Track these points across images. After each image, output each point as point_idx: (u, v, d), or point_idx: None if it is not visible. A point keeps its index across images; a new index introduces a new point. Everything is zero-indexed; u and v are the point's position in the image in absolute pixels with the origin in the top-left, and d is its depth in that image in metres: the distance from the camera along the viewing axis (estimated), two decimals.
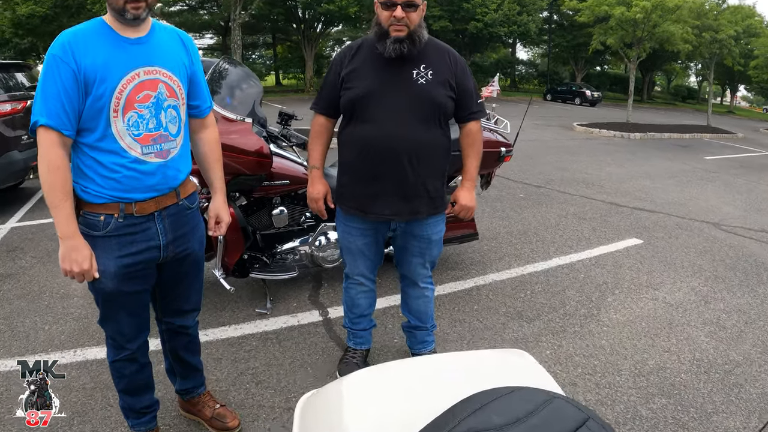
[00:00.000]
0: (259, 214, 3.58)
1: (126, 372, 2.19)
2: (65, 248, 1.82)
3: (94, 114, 1.80)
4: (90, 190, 1.86)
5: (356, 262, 2.69)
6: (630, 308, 3.94)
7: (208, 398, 2.55)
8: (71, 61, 1.73)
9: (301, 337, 3.35)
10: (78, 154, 1.86)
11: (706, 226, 6.26)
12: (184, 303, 2.28)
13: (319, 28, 34.60)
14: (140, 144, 1.87)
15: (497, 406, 0.89)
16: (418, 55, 2.33)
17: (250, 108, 3.36)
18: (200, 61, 2.12)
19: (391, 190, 2.41)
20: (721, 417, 2.76)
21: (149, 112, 1.87)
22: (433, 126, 2.39)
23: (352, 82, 2.37)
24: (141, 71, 1.84)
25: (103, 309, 2.05)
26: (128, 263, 1.95)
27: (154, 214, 1.97)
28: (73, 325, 3.47)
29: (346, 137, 2.48)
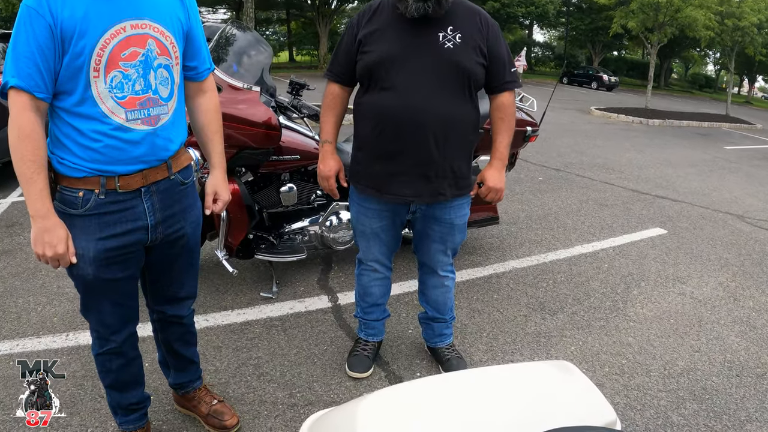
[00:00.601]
0: (266, 191, 3.36)
1: (112, 366, 1.96)
2: (37, 229, 1.59)
3: (72, 74, 1.55)
4: (67, 162, 1.63)
5: (371, 247, 2.46)
6: (657, 302, 3.72)
7: (205, 393, 2.33)
8: (47, 14, 1.48)
9: (308, 325, 3.14)
10: (55, 121, 1.63)
11: (731, 218, 6.04)
12: (177, 290, 2.05)
13: (334, 4, 34.21)
14: (125, 108, 1.62)
15: None
16: (444, 16, 2.06)
17: (259, 76, 3.11)
18: (199, 15, 1.85)
19: (412, 168, 2.17)
20: (755, 426, 2.57)
21: (136, 71, 1.62)
22: (461, 97, 2.14)
23: (370, 45, 2.12)
24: (127, 24, 1.59)
25: (84, 298, 1.83)
26: (111, 246, 1.72)
27: (140, 190, 1.74)
28: (67, 306, 3.29)
29: (363, 108, 2.23)
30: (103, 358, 1.95)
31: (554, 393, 1.08)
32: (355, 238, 2.57)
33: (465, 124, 2.19)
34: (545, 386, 1.08)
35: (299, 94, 3.52)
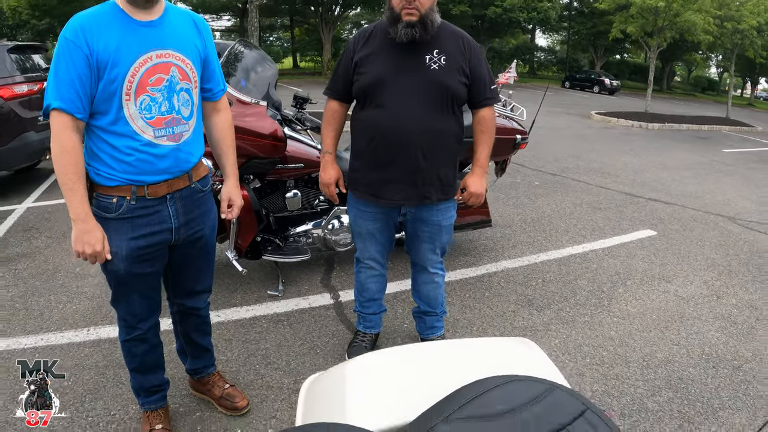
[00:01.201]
0: (272, 197, 3.60)
1: (137, 351, 2.22)
2: (78, 230, 1.84)
3: (107, 97, 1.80)
4: (103, 173, 1.88)
5: (367, 246, 2.70)
6: (641, 300, 3.93)
7: (218, 378, 2.59)
8: (84, 46, 1.73)
9: (312, 320, 3.39)
10: (91, 137, 1.88)
11: (722, 220, 6.20)
12: (195, 284, 2.30)
13: (337, 11, 34.43)
14: (153, 127, 1.88)
15: (498, 394, 0.90)
16: (431, 41, 2.32)
17: (265, 91, 3.36)
18: (214, 43, 2.12)
19: (403, 176, 2.42)
20: (727, 413, 2.76)
21: (162, 95, 1.88)
22: (446, 113, 2.38)
23: (364, 67, 2.37)
24: (153, 54, 1.84)
25: (116, 290, 2.08)
26: (141, 245, 1.97)
27: (166, 196, 1.99)
28: (86, 304, 3.52)
29: (359, 123, 2.48)
30: (129, 345, 2.20)
31: (511, 363, 1.31)
32: (353, 238, 2.81)
33: (449, 136, 2.43)
34: (503, 356, 1.31)
35: (303, 107, 3.78)
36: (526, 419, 0.86)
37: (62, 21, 28.63)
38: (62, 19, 28.17)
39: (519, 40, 47.64)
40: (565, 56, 46.39)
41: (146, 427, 2.32)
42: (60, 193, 6.07)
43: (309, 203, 3.74)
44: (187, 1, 36.53)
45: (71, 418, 2.47)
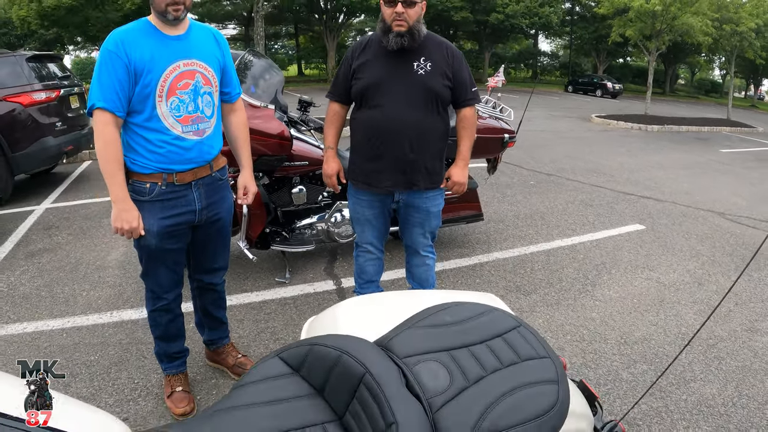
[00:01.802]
0: (280, 192, 3.91)
1: (162, 321, 2.54)
2: (117, 210, 2.15)
3: (142, 99, 2.14)
4: (138, 162, 2.21)
5: (365, 232, 3.00)
6: (624, 286, 4.20)
7: (231, 349, 2.91)
8: (123, 56, 2.07)
9: (317, 303, 3.69)
10: (128, 133, 2.21)
11: (711, 215, 6.44)
12: (213, 262, 2.63)
13: (341, 18, 34.82)
14: (181, 124, 2.22)
15: (449, 311, 1.20)
16: (418, 49, 2.64)
17: (273, 96, 3.69)
18: (230, 54, 2.46)
19: (393, 166, 2.73)
20: (698, 384, 3.00)
21: (188, 97, 2.22)
22: (431, 111, 2.70)
23: (361, 72, 2.70)
24: (181, 63, 2.19)
25: (146, 264, 2.40)
26: (169, 224, 2.29)
27: (191, 183, 2.31)
28: (108, 292, 3.83)
29: (357, 122, 2.81)
30: (155, 314, 2.53)
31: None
32: (352, 225, 3.11)
33: (434, 132, 2.76)
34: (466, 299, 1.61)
35: (307, 110, 4.11)
36: (468, 327, 1.16)
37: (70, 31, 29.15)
38: (70, 29, 28.63)
39: (522, 45, 47.95)
40: (567, 61, 46.64)
41: (168, 390, 2.63)
42: (78, 195, 6.43)
43: (313, 198, 4.05)
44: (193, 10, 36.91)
45: (99, 386, 2.77)
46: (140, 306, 3.61)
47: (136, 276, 4.09)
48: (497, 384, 1.02)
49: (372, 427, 0.97)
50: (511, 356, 1.09)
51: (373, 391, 0.99)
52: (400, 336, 1.13)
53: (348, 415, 1.05)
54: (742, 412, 2.75)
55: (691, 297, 4.09)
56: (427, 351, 1.08)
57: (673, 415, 2.71)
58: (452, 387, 1.01)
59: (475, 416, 0.96)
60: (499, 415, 0.97)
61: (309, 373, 1.14)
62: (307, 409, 1.08)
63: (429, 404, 0.97)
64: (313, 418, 1.07)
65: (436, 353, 1.08)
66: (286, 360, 1.18)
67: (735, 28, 18.73)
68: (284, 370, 1.17)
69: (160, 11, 2.12)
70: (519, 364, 1.07)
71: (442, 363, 1.05)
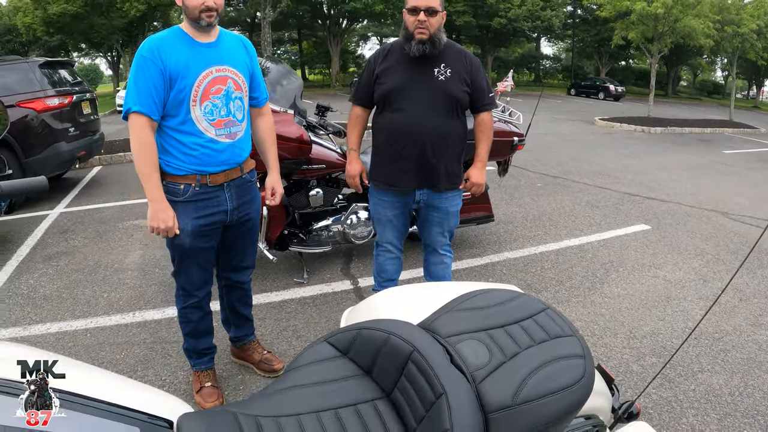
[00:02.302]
0: (297, 195, 4.04)
1: (193, 318, 2.64)
2: (153, 209, 2.24)
3: (177, 103, 2.24)
4: (172, 164, 2.31)
5: (386, 231, 3.12)
6: (632, 284, 4.32)
7: (257, 345, 3.02)
8: (159, 62, 2.17)
9: (335, 302, 3.81)
10: (162, 136, 2.31)
11: (715, 215, 6.53)
12: (241, 260, 2.73)
13: (344, 24, 35.02)
14: (214, 127, 2.31)
15: (481, 297, 1.33)
16: (438, 56, 2.77)
17: (292, 101, 3.82)
18: (258, 60, 2.58)
19: (415, 167, 2.86)
20: (706, 375, 3.11)
21: (221, 101, 2.31)
22: (451, 116, 2.83)
23: (384, 78, 2.83)
24: (214, 69, 2.29)
25: (179, 262, 2.50)
26: (202, 224, 2.39)
27: (223, 184, 2.41)
28: (129, 293, 3.95)
29: (379, 124, 2.94)
30: (186, 311, 2.63)
31: None
32: (373, 225, 3.23)
33: (454, 136, 2.89)
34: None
35: (324, 115, 4.24)
36: (501, 310, 1.28)
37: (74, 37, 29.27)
38: (74, 35, 28.80)
39: (524, 48, 48.17)
40: (570, 64, 46.80)
41: (197, 385, 2.74)
42: (91, 200, 6.57)
43: (329, 201, 4.18)
44: None
45: None
46: (162, 306, 3.73)
47: (155, 278, 4.22)
48: (531, 358, 1.14)
49: (420, 400, 1.09)
50: (542, 335, 1.21)
51: (421, 367, 1.11)
52: (441, 318, 1.26)
53: (396, 391, 1.17)
54: (749, 401, 2.86)
55: (696, 293, 4.19)
56: (467, 331, 1.21)
57: (682, 404, 2.82)
58: (492, 362, 1.13)
59: (514, 386, 1.08)
60: (535, 384, 1.10)
61: (357, 355, 1.26)
62: (357, 388, 1.20)
63: (472, 377, 1.10)
64: (363, 395, 1.19)
65: (475, 333, 1.20)
66: (334, 344, 1.31)
67: (737, 29, 18.85)
68: (333, 353, 1.29)
69: (194, 18, 2.21)
70: (549, 341, 1.20)
71: (481, 341, 1.18)
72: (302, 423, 1.10)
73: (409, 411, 1.12)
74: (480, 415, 1.04)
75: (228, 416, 1.08)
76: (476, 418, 1.03)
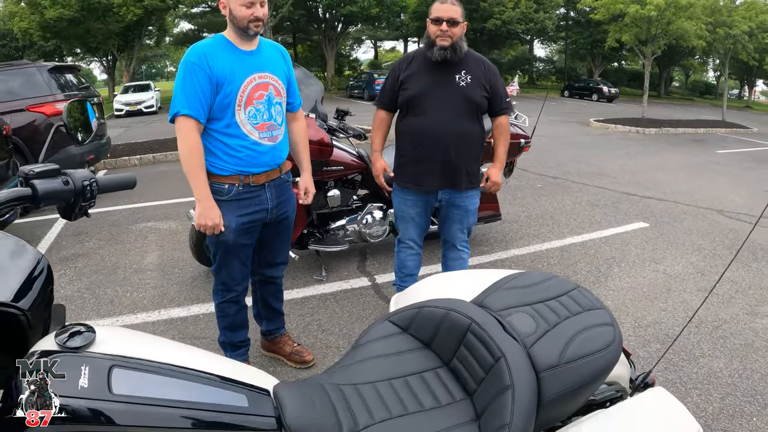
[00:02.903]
0: (315, 196, 4.19)
1: (230, 311, 2.79)
2: (202, 208, 2.36)
3: (223, 107, 2.36)
4: (217, 165, 2.44)
5: (408, 229, 3.31)
6: (634, 277, 4.53)
7: (287, 338, 3.19)
8: (206, 67, 2.30)
9: (355, 298, 4.01)
10: (207, 139, 2.42)
11: (710, 213, 6.74)
12: (276, 257, 2.89)
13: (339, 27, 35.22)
14: (258, 131, 2.45)
15: (520, 278, 1.54)
16: (459, 63, 2.97)
17: (313, 105, 4.01)
18: (293, 67, 2.73)
19: (438, 168, 3.05)
20: (707, 359, 3.32)
21: (264, 106, 2.45)
22: (471, 119, 3.04)
23: (408, 83, 3.03)
24: (257, 76, 2.43)
25: (221, 258, 2.62)
26: (245, 221, 2.53)
27: (264, 184, 2.55)
28: (152, 292, 4.10)
29: (404, 127, 3.13)
30: (223, 306, 2.78)
31: None
32: (396, 222, 3.42)
33: (474, 138, 3.10)
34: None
35: (343, 119, 4.43)
36: (539, 289, 1.49)
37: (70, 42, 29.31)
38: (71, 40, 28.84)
39: (518, 51, 48.49)
40: (563, 66, 47.16)
41: None
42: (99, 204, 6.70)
43: (346, 201, 4.37)
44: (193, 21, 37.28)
45: None
46: (187, 304, 3.89)
47: (176, 277, 4.38)
48: (570, 326, 1.35)
49: (480, 364, 1.29)
50: (576, 308, 1.42)
51: (479, 336, 1.31)
52: (491, 296, 1.46)
53: (455, 360, 1.37)
54: (748, 382, 3.07)
55: (695, 285, 4.40)
56: (514, 305, 1.41)
57: (686, 385, 3.03)
58: (538, 330, 1.33)
59: (560, 348, 1.29)
60: (577, 346, 1.30)
61: (417, 331, 1.46)
62: (419, 359, 1.40)
63: (524, 343, 1.30)
64: (426, 365, 1.39)
65: (521, 307, 1.41)
66: (395, 322, 1.51)
67: (728, 31, 19.16)
68: (395, 330, 1.49)
69: (243, 27, 2.34)
70: (582, 313, 1.41)
71: (527, 313, 1.38)
72: (378, 389, 1.30)
73: (468, 375, 1.32)
74: (533, 373, 1.24)
75: (315, 385, 1.28)
76: (531, 375, 1.23)
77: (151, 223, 5.92)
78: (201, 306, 3.84)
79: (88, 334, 1.08)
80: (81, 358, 1.03)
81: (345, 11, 30.30)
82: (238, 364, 1.35)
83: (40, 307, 1.17)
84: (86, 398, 0.97)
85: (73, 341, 1.05)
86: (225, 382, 1.16)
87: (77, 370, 1.00)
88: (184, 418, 1.03)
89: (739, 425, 2.71)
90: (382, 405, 1.25)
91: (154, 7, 26.98)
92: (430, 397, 1.30)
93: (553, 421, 1.32)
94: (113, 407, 0.97)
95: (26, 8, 27.45)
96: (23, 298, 1.10)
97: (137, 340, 1.20)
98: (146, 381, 1.04)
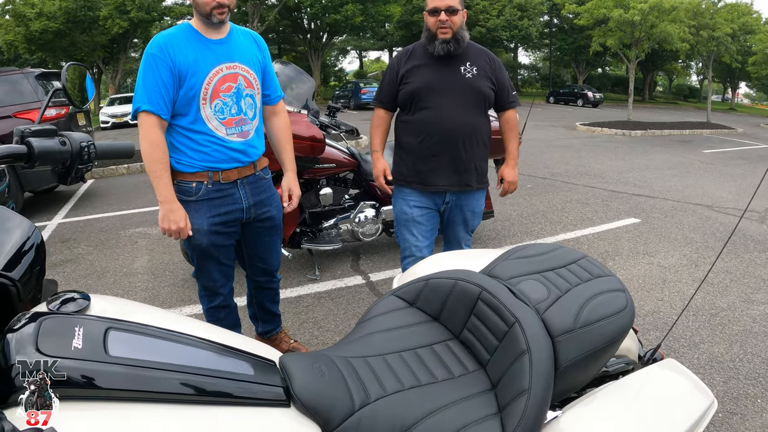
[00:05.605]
0: (307, 194, 4.17)
1: (220, 315, 2.63)
2: (164, 210, 2.18)
3: (187, 102, 2.18)
4: (183, 162, 2.26)
5: (412, 234, 2.96)
6: (629, 270, 4.52)
7: (284, 335, 3.11)
8: (167, 59, 2.11)
9: (350, 295, 3.96)
10: (172, 134, 2.25)
11: (700, 208, 6.79)
12: (268, 263, 2.72)
13: (324, 38, 35.31)
14: (225, 126, 2.27)
15: (530, 248, 1.51)
16: (462, 55, 2.79)
17: (304, 102, 3.97)
18: (270, 56, 2.55)
19: (447, 165, 2.83)
20: (707, 345, 3.31)
21: (231, 99, 2.26)
22: (479, 113, 2.85)
23: (410, 77, 2.82)
24: (224, 66, 2.23)
25: (198, 262, 2.45)
26: (218, 222, 2.35)
27: (236, 181, 2.35)
28: (142, 295, 4.03)
29: (407, 124, 2.88)
30: (212, 311, 2.62)
31: None
32: (396, 232, 3.06)
33: (483, 132, 2.90)
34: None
35: (335, 115, 4.39)
36: (548, 258, 1.46)
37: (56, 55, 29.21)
38: (56, 53, 28.73)
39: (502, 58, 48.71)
40: (547, 72, 47.52)
41: None
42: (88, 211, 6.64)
43: (338, 199, 4.32)
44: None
45: None
46: (179, 305, 3.84)
47: (167, 280, 4.32)
48: (582, 292, 1.31)
49: (493, 333, 1.25)
50: (586, 275, 1.39)
51: (491, 304, 1.27)
52: (499, 266, 1.43)
53: (465, 331, 1.33)
54: (749, 366, 3.06)
55: (689, 276, 4.40)
56: (523, 274, 1.38)
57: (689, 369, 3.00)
58: (550, 296, 1.29)
59: (574, 312, 1.25)
60: (591, 311, 1.26)
61: (424, 304, 1.42)
62: (428, 331, 1.36)
63: (536, 309, 1.26)
64: (436, 337, 1.35)
65: (531, 275, 1.37)
66: (401, 296, 1.46)
67: (711, 33, 19.40)
68: (401, 305, 1.44)
69: (205, 14, 2.15)
70: (593, 279, 1.37)
71: (538, 281, 1.35)
72: (388, 361, 1.25)
73: (480, 346, 1.28)
74: (549, 339, 1.20)
75: (323, 356, 1.23)
76: (547, 340, 1.19)
77: (140, 229, 5.85)
78: (193, 307, 3.77)
79: (81, 300, 1.02)
80: (74, 319, 0.98)
81: (329, 20, 30.32)
82: (240, 336, 1.30)
83: (31, 279, 1.12)
84: (80, 359, 0.91)
85: (66, 308, 1.00)
86: (228, 350, 1.12)
87: (70, 330, 0.94)
88: (184, 385, 0.97)
89: (744, 406, 2.69)
90: (394, 377, 1.21)
91: (140, 20, 26.93)
92: (442, 368, 1.26)
93: (568, 390, 1.29)
94: (109, 369, 0.92)
95: (11, 21, 27.20)
96: (14, 269, 1.05)
97: (136, 308, 1.15)
98: (146, 344, 0.99)
